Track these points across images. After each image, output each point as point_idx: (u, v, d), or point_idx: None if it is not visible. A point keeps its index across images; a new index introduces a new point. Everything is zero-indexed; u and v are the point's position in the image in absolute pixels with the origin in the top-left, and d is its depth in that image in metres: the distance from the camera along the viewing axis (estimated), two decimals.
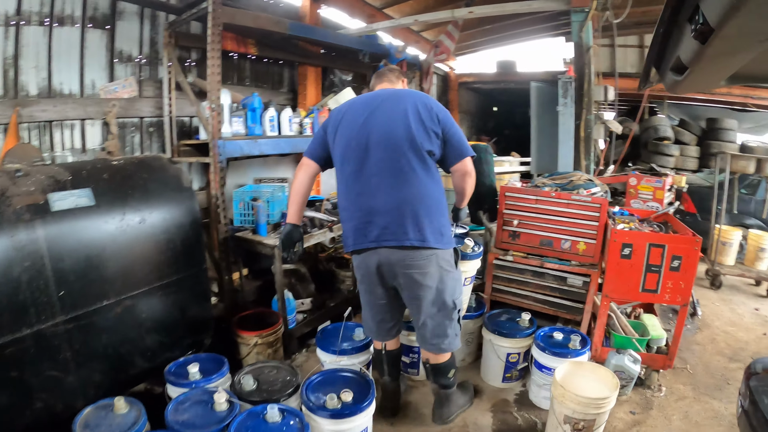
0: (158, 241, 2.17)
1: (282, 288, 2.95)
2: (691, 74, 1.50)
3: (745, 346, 3.36)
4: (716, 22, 1.05)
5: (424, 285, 2.11)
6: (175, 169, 2.33)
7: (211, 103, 2.74)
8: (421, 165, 2.03)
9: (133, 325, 2.08)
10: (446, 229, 2.12)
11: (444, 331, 2.24)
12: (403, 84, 2.35)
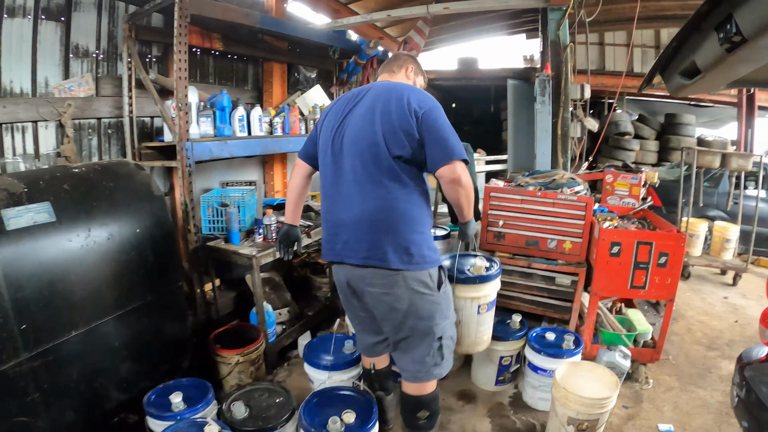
0: (129, 259, 1.99)
1: (261, 300, 2.82)
2: (702, 79, 1.56)
3: (720, 334, 3.54)
4: (751, 33, 1.12)
5: (391, 307, 1.92)
6: (144, 176, 2.16)
7: (177, 102, 2.57)
8: (388, 173, 1.81)
9: (106, 355, 1.90)
10: (418, 248, 1.85)
11: (420, 358, 1.99)
12: (406, 73, 2.12)
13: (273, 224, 3.02)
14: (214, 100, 2.99)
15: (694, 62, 1.52)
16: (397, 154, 1.80)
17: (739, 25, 1.20)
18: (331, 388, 2.15)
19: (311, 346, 2.59)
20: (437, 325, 1.95)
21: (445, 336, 2.00)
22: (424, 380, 2.03)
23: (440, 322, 1.97)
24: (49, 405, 1.67)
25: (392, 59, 2.19)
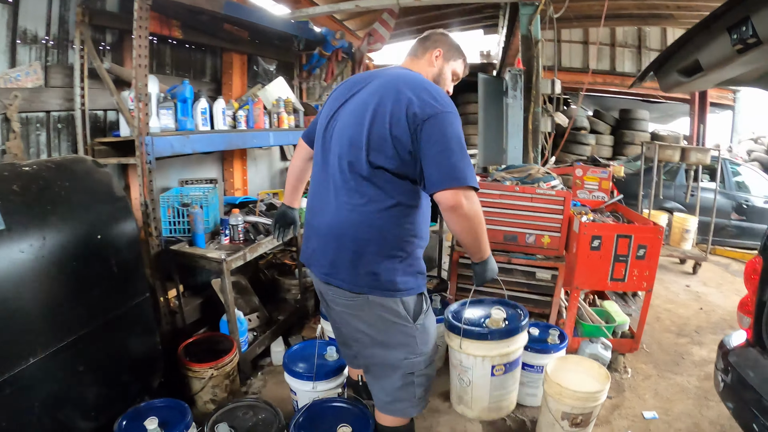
0: (90, 271, 1.80)
1: (232, 307, 2.68)
2: (703, 77, 1.63)
3: (687, 321, 3.73)
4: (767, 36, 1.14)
5: (356, 328, 1.74)
6: (103, 174, 1.96)
7: (137, 93, 2.37)
8: (368, 183, 1.56)
9: (71, 380, 1.71)
10: (389, 273, 1.60)
11: (389, 390, 1.78)
12: (431, 58, 1.79)
13: (240, 224, 2.88)
14: (175, 91, 2.79)
15: (698, 61, 1.58)
16: (379, 164, 1.54)
17: (756, 27, 1.27)
18: (321, 401, 2.05)
19: (291, 355, 2.47)
20: (407, 359, 1.71)
21: (418, 373, 1.74)
22: (395, 415, 1.82)
23: (411, 357, 1.71)
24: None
25: (420, 40, 1.84)
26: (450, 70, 1.82)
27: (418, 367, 1.73)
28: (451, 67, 1.82)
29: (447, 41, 1.82)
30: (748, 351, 1.98)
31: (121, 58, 2.93)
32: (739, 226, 5.81)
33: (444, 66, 1.80)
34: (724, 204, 5.64)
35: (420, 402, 1.80)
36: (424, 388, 1.80)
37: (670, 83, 1.88)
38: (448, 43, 1.81)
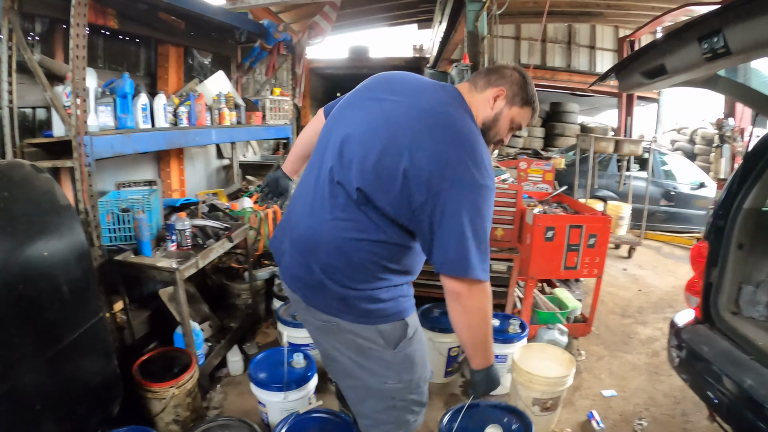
0: (39, 293, 1.64)
1: (188, 318, 2.56)
2: (664, 80, 1.82)
3: (628, 303, 4.09)
4: (738, 49, 1.38)
5: (333, 346, 1.60)
6: (45, 181, 1.79)
7: (75, 88, 2.19)
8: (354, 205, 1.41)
9: (28, 420, 1.55)
10: (362, 301, 1.46)
11: (368, 414, 1.65)
12: (489, 97, 1.51)
13: (187, 229, 2.76)
14: (114, 86, 2.61)
15: (663, 65, 1.75)
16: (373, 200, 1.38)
17: (727, 40, 1.42)
18: (301, 416, 2.00)
19: (256, 366, 2.42)
20: (387, 384, 1.56)
21: (400, 398, 1.59)
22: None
23: (391, 383, 1.56)
24: None
25: (487, 70, 1.58)
26: (510, 117, 1.54)
27: (401, 394, 1.59)
28: (513, 114, 1.54)
29: (516, 81, 1.53)
30: (699, 328, 2.22)
31: (51, 50, 2.70)
32: (668, 211, 6.44)
33: (504, 110, 1.53)
34: (653, 191, 6.21)
35: (405, 425, 1.64)
36: (409, 411, 1.63)
37: (632, 84, 2.05)
38: (517, 83, 1.53)
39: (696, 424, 2.57)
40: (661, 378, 2.94)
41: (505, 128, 1.55)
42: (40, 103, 2.66)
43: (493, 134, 1.55)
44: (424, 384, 1.66)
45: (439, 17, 6.70)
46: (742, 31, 1.40)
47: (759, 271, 2.38)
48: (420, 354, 1.62)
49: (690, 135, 10.19)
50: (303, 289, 1.54)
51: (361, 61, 9.62)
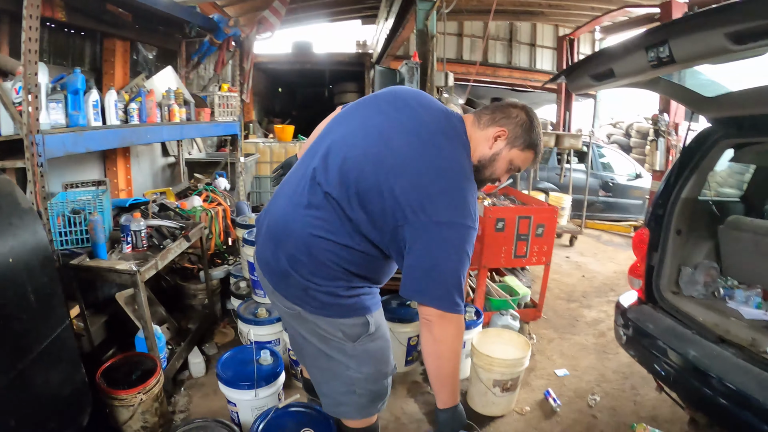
0: (6, 302, 1.60)
1: (150, 322, 2.54)
2: (612, 82, 2.06)
3: (573, 288, 4.43)
4: (681, 59, 1.63)
5: (298, 332, 1.67)
6: (4, 182, 1.74)
7: (26, 84, 2.12)
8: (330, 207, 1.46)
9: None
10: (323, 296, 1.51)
11: (328, 394, 1.72)
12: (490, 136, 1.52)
13: (143, 230, 2.74)
14: (65, 82, 2.53)
15: (612, 69, 1.98)
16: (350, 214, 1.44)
17: (672, 50, 1.65)
18: (278, 411, 2.07)
19: (224, 365, 2.44)
20: (347, 372, 1.63)
21: (359, 387, 1.66)
22: (339, 417, 1.81)
23: (351, 372, 1.63)
24: None
25: (494, 107, 1.58)
26: (509, 158, 1.55)
27: (360, 383, 1.65)
28: (512, 156, 1.54)
29: (521, 123, 1.52)
30: (643, 308, 2.47)
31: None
32: (606, 201, 6.98)
33: (503, 151, 1.53)
34: (592, 183, 6.70)
35: (364, 409, 1.72)
36: (369, 399, 1.70)
37: (581, 85, 2.28)
38: (521, 125, 1.52)
39: (645, 396, 2.85)
40: (608, 356, 3.26)
41: (503, 169, 1.56)
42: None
43: (489, 173, 1.56)
44: (384, 378, 1.71)
45: (385, 14, 6.83)
46: (685, 42, 1.63)
47: (696, 254, 2.70)
48: (381, 349, 1.66)
49: (626, 129, 10.99)
50: (270, 275, 1.60)
51: (304, 56, 9.59)
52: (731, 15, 1.48)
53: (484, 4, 6.81)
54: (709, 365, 1.93)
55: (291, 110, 11.91)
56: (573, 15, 8.86)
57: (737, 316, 2.35)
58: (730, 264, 2.72)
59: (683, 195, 2.54)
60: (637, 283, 2.57)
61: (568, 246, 5.81)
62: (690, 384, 2.02)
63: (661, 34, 1.70)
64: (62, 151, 2.44)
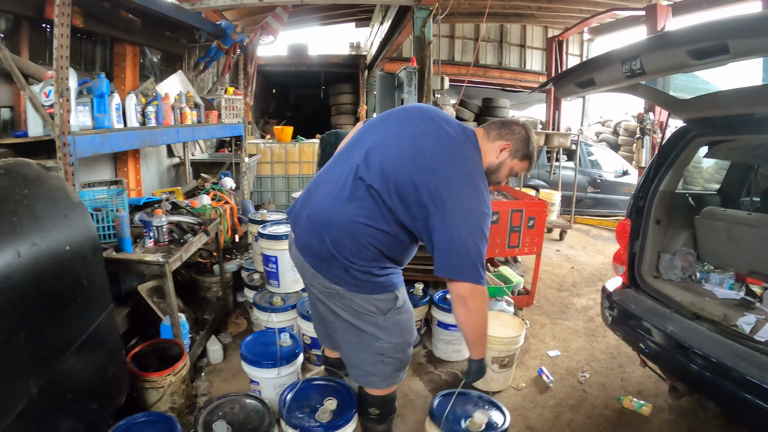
0: (65, 285, 1.78)
1: (176, 311, 2.76)
2: (593, 89, 2.36)
3: (564, 279, 4.71)
4: (651, 71, 1.97)
5: (332, 310, 1.95)
6: (55, 178, 1.94)
7: (59, 88, 2.32)
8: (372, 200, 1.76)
9: (56, 415, 1.70)
10: (361, 276, 1.80)
11: (359, 365, 2.00)
12: (497, 148, 1.87)
13: (164, 225, 2.95)
14: (90, 86, 2.74)
15: (593, 79, 2.27)
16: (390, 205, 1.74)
17: (644, 64, 1.97)
18: (306, 381, 2.28)
19: (247, 347, 2.64)
20: (378, 343, 1.91)
21: (388, 355, 1.94)
22: (366, 386, 2.05)
23: (381, 342, 1.91)
24: None
25: (501, 123, 1.94)
26: (511, 166, 1.91)
27: (389, 351, 1.93)
28: (513, 165, 1.91)
29: (522, 138, 1.89)
30: (627, 291, 2.74)
31: (17, 48, 2.78)
32: (594, 197, 7.29)
33: (507, 161, 1.89)
34: (581, 180, 7.00)
35: (390, 378, 2.00)
36: (395, 368, 1.98)
37: (567, 92, 2.57)
38: (522, 140, 1.89)
39: (631, 373, 3.12)
40: (597, 339, 3.53)
41: (505, 174, 1.94)
42: (5, 103, 2.78)
43: (494, 177, 1.92)
44: (409, 348, 2.02)
45: (380, 18, 7.08)
46: (654, 57, 1.95)
47: (674, 241, 2.98)
48: (407, 322, 1.97)
49: (614, 127, 11.36)
50: (312, 257, 1.88)
51: (300, 58, 9.84)
52: (691, 36, 1.79)
53: (475, 7, 7.09)
54: (686, 338, 2.19)
55: (285, 111, 12.15)
56: (562, 17, 9.20)
57: (711, 296, 2.63)
58: (706, 250, 3.00)
59: (661, 188, 2.82)
60: (621, 269, 2.84)
61: (559, 240, 6.11)
62: (669, 356, 2.28)
63: (634, 51, 2.00)
64: (90, 151, 2.65)
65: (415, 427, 2.56)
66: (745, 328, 2.26)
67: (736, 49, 1.69)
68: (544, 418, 2.70)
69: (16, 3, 2.73)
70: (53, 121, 2.43)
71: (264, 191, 6.67)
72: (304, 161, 6.82)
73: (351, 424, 2.09)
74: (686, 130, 2.81)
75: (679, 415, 2.72)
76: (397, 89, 4.79)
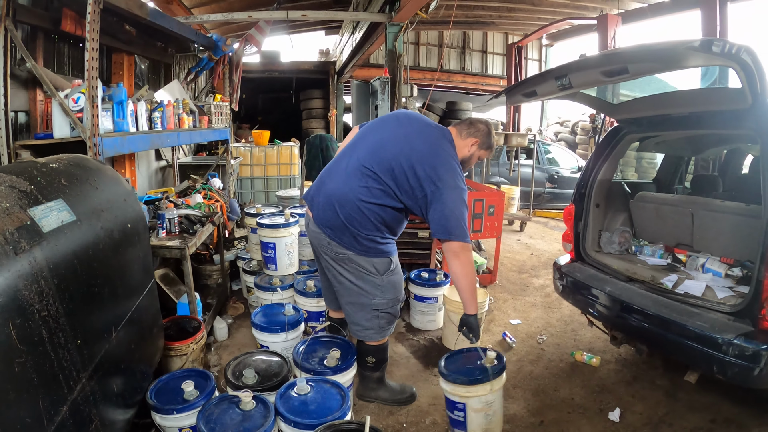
0: (131, 256, 2.22)
1: (192, 289, 3.22)
2: (536, 98, 3.02)
3: (523, 263, 5.42)
4: (577, 85, 2.65)
5: (339, 273, 2.54)
6: (111, 171, 2.37)
7: (90, 95, 2.77)
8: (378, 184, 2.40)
9: (130, 352, 2.12)
10: (366, 242, 2.45)
11: (358, 321, 2.62)
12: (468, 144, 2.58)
13: (175, 217, 3.42)
14: (111, 94, 3.20)
15: (535, 91, 2.93)
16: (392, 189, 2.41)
17: (571, 81, 2.63)
18: (313, 338, 2.80)
19: (256, 317, 3.13)
20: (375, 299, 2.55)
21: (382, 310, 2.58)
22: (365, 339, 2.67)
23: (378, 300, 2.55)
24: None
25: (469, 122, 2.62)
26: (478, 155, 2.64)
27: (383, 306, 2.58)
28: (480, 154, 2.65)
29: (485, 133, 2.60)
30: (573, 264, 3.37)
31: (33, 58, 3.07)
32: (552, 192, 8.12)
33: (475, 152, 2.62)
34: (539, 176, 7.80)
35: (382, 331, 2.65)
36: (386, 321, 2.64)
37: (515, 101, 3.24)
38: (486, 134, 2.60)
39: (583, 335, 3.74)
40: (553, 310, 4.22)
41: (474, 161, 2.67)
42: (20, 108, 3.15)
43: (467, 165, 2.63)
44: (398, 304, 2.69)
45: (350, 28, 7.70)
46: (578, 75, 2.63)
47: (614, 222, 3.62)
48: (398, 282, 2.66)
49: (572, 127, 12.30)
50: (328, 229, 2.49)
51: (272, 65, 10.37)
52: (602, 61, 2.50)
53: (441, 17, 7.82)
54: (620, 295, 2.77)
55: (257, 115, 12.58)
56: (521, 24, 10.06)
57: (643, 263, 3.28)
58: (640, 228, 3.68)
59: (599, 177, 3.44)
60: (568, 246, 3.48)
61: (519, 231, 6.87)
62: (608, 310, 2.86)
63: (564, 70, 2.67)
64: (114, 151, 3.08)
65: (401, 379, 3.13)
66: (668, 284, 2.86)
67: (633, 70, 2.37)
68: (508, 370, 3.13)
69: (36, 16, 3.09)
70: (82, 124, 2.88)
71: (245, 192, 7.16)
72: (282, 163, 7.34)
73: (352, 369, 2.63)
74: (619, 128, 3.45)
75: (624, 365, 3.30)
76: (371, 96, 5.43)
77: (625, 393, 2.99)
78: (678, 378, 2.83)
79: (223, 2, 6.50)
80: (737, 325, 2.28)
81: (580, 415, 2.78)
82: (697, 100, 2.86)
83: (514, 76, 11.04)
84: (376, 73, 5.32)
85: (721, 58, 2.03)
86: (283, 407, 2.11)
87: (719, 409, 2.79)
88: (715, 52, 1.99)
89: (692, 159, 4.34)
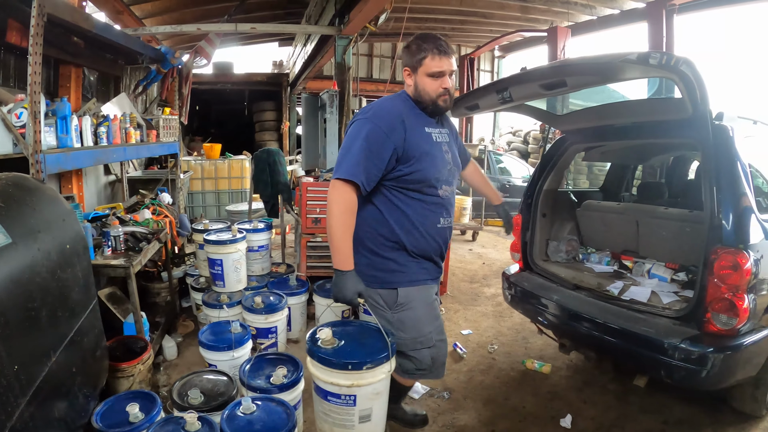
0: (69, 277, 2.17)
1: (138, 309, 3.17)
2: (479, 111, 3.12)
3: (475, 273, 5.58)
4: (518, 98, 2.71)
5: None
6: (50, 190, 2.34)
7: (32, 110, 2.70)
8: None
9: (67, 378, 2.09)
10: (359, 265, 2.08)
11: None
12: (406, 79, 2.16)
13: (120, 235, 3.37)
14: (55, 108, 3.13)
15: (477, 104, 2.99)
16: None
17: (512, 94, 2.68)
18: (258, 357, 2.77)
19: (203, 335, 3.10)
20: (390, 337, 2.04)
21: (402, 350, 2.15)
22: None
23: (393, 339, 2.06)
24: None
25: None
26: (423, 76, 2.04)
27: (402, 347, 2.14)
28: (422, 73, 2.04)
29: (407, 53, 2.10)
30: (522, 273, 3.44)
31: None
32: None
33: (416, 78, 2.06)
34: None
35: (405, 373, 2.26)
36: (409, 364, 2.21)
37: (460, 113, 3.28)
38: (407, 55, 2.09)
39: (533, 343, 3.81)
40: (504, 319, 4.33)
41: (428, 85, 2.05)
42: None
43: (425, 96, 2.07)
44: (421, 347, 2.17)
45: (303, 39, 7.76)
46: (518, 89, 2.69)
47: (561, 231, 3.71)
48: (418, 321, 2.15)
49: (524, 137, 12.70)
50: None
51: (225, 77, 10.31)
52: (542, 74, 2.57)
53: (393, 29, 8.00)
54: (567, 303, 2.80)
55: (209, 127, 12.41)
56: (474, 36, 10.38)
57: (590, 271, 3.37)
58: (587, 236, 3.79)
59: (545, 187, 3.50)
60: (516, 256, 3.56)
61: (471, 241, 7.07)
62: (556, 319, 2.89)
63: (505, 83, 2.76)
64: (57, 168, 3.01)
65: None
66: (614, 291, 2.92)
67: (571, 83, 2.46)
68: (459, 381, 3.30)
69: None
70: (25, 140, 2.81)
71: (195, 206, 7.05)
72: (233, 177, 7.29)
73: (299, 386, 2.58)
74: (563, 139, 3.54)
75: (575, 371, 3.35)
76: (320, 109, 5.49)
77: (576, 399, 3.04)
78: (629, 382, 2.81)
79: (175, 13, 6.44)
80: (683, 329, 2.34)
81: (532, 422, 2.82)
82: (640, 110, 2.94)
83: (466, 88, 11.35)
84: (329, 84, 5.39)
85: (659, 70, 2.08)
86: (228, 428, 2.10)
87: (671, 410, 2.86)
88: (653, 65, 2.04)
89: (639, 167, 4.50)
